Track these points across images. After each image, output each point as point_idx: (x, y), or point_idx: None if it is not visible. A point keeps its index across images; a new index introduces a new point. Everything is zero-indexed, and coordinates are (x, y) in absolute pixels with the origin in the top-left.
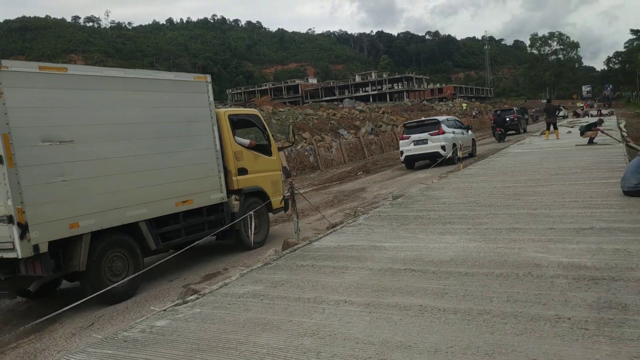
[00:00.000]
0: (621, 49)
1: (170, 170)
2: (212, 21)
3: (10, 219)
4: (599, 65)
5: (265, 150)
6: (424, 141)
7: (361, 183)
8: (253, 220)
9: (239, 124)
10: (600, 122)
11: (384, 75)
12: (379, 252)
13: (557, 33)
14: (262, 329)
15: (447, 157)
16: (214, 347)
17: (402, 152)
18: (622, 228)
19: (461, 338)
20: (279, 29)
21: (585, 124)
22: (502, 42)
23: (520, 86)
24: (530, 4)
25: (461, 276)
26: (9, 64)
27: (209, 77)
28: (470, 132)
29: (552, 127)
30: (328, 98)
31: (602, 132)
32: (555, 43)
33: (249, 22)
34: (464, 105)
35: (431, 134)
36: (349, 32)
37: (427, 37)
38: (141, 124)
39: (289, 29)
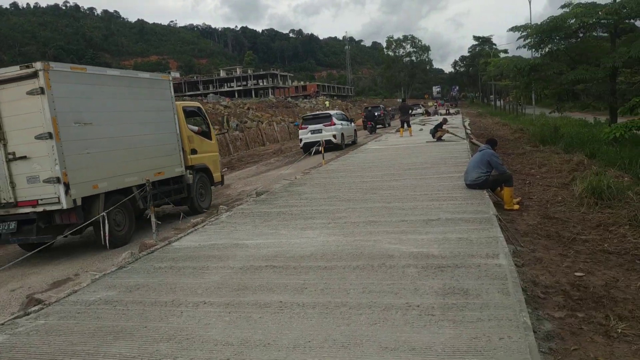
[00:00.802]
0: (466, 53)
1: (150, 147)
2: (63, 8)
3: (58, 180)
4: (447, 68)
5: (207, 135)
6: (319, 131)
7: (225, 180)
8: (200, 190)
9: (189, 113)
10: (445, 121)
11: (249, 71)
12: (241, 250)
13: (410, 36)
14: (114, 338)
15: (338, 143)
16: None
17: (301, 140)
18: (464, 218)
19: (319, 332)
20: (138, 19)
21: (433, 126)
22: (362, 43)
23: (378, 85)
24: (387, 8)
25: (320, 270)
26: (53, 65)
27: (170, 76)
28: (353, 124)
29: (405, 125)
30: (192, 93)
31: (448, 131)
32: (409, 46)
33: (105, 11)
34: (327, 103)
35: (325, 125)
36: (213, 26)
37: (291, 34)
38: (132, 111)
39: (150, 20)
